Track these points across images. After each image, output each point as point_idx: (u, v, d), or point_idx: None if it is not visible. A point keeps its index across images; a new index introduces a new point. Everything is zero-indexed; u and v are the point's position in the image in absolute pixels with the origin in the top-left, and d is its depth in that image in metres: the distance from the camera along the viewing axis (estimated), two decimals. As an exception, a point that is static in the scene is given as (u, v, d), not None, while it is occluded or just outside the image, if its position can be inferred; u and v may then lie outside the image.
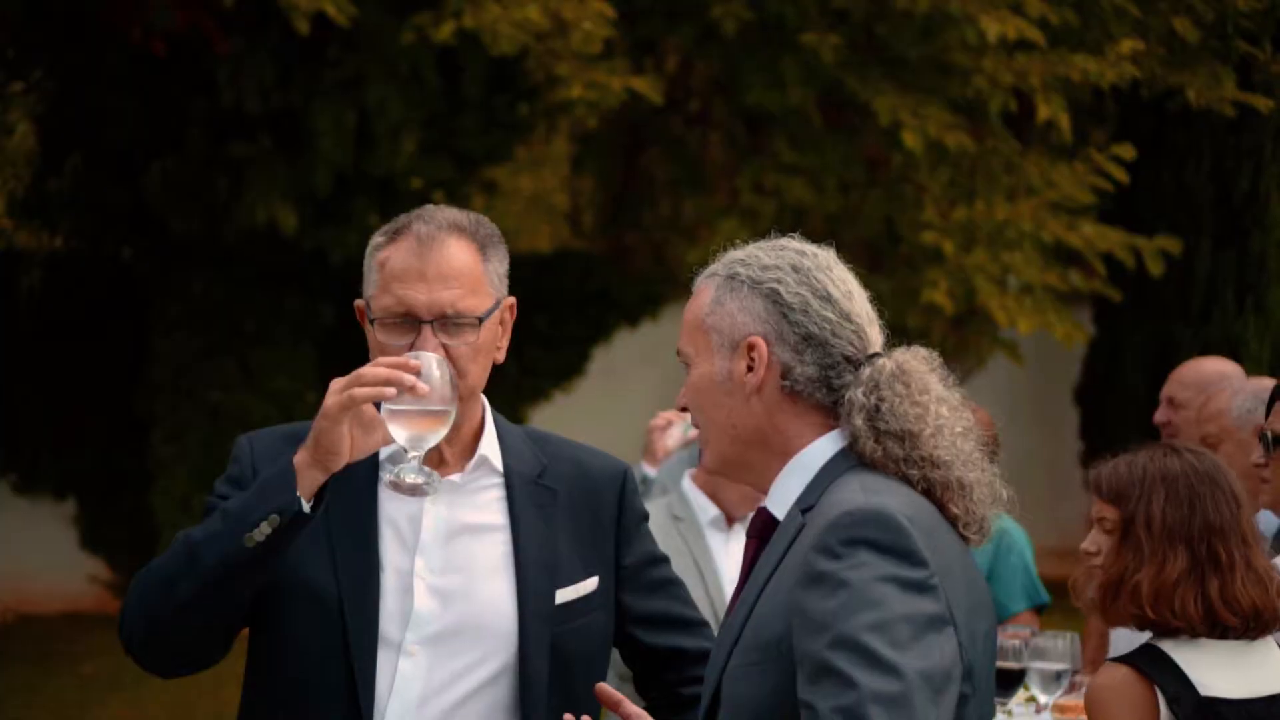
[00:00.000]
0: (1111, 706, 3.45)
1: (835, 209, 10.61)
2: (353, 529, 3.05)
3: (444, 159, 11.81)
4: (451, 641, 3.04)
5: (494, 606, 3.07)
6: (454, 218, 3.10)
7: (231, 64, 10.71)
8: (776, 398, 2.69)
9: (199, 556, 2.90)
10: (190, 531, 2.96)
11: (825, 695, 2.40)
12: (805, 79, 9.92)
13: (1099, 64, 9.81)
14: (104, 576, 13.52)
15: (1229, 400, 5.09)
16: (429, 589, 3.05)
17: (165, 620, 2.95)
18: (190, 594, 2.90)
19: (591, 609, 3.15)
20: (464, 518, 3.12)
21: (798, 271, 2.71)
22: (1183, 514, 3.48)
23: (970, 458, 2.69)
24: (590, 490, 3.21)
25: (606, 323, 14.45)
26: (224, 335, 12.36)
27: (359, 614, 3.00)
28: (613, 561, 3.21)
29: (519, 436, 3.24)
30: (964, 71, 9.91)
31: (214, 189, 11.58)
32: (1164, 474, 3.52)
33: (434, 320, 3.01)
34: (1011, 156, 10.36)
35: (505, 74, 11.55)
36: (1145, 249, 10.56)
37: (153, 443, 12.64)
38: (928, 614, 2.48)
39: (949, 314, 10.12)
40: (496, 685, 3.06)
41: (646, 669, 3.31)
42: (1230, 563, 3.46)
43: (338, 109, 10.79)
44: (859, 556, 2.48)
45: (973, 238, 10.09)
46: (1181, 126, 12.67)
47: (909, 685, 2.40)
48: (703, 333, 2.74)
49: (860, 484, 2.60)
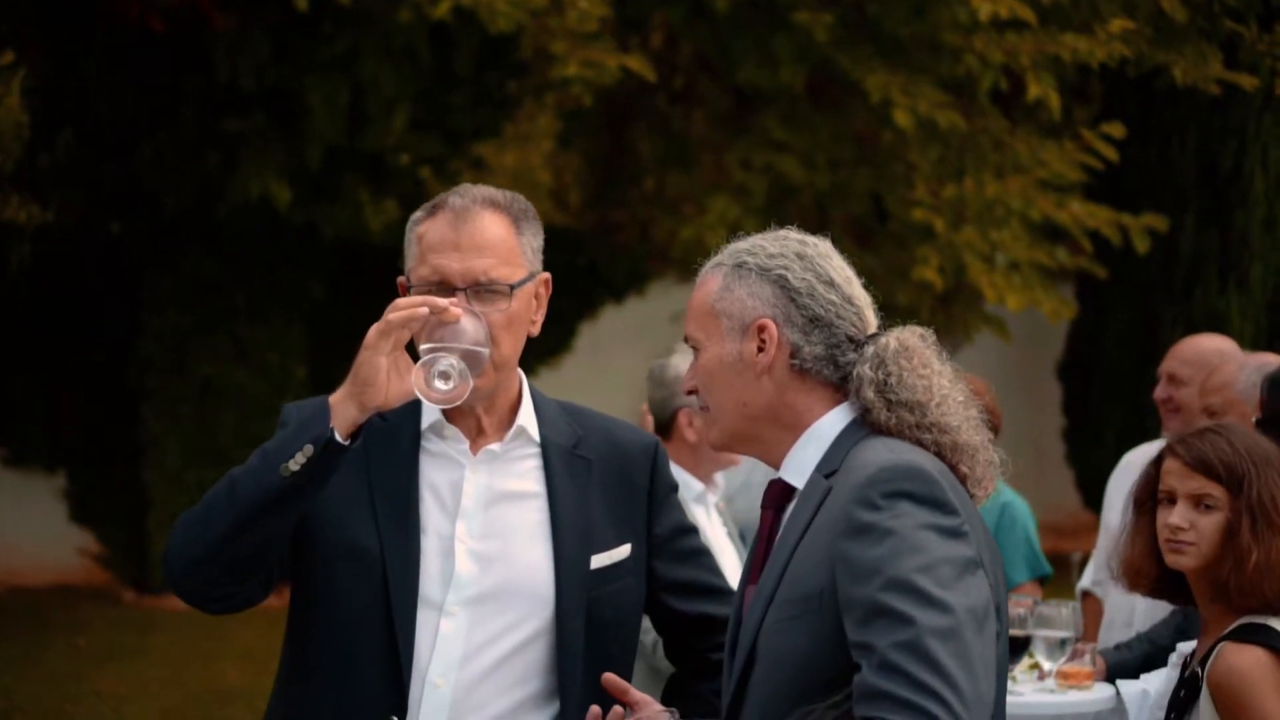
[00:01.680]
0: (1261, 685, 3.48)
1: (825, 186, 10.69)
2: (395, 494, 3.15)
3: (434, 135, 11.86)
4: (491, 603, 3.14)
5: (532, 570, 3.17)
6: (488, 193, 3.22)
7: (228, 40, 10.73)
8: (786, 376, 2.87)
9: (237, 488, 2.99)
10: (233, 470, 3.05)
11: (882, 633, 2.58)
12: (797, 57, 9.99)
13: (1089, 43, 9.90)
14: (94, 550, 13.57)
15: (1235, 373, 5.17)
16: (469, 553, 3.15)
17: (203, 551, 3.02)
18: (227, 524, 2.98)
19: (624, 575, 3.25)
20: (503, 485, 3.21)
21: (802, 259, 2.91)
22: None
23: (973, 423, 2.89)
24: (623, 461, 3.32)
25: (593, 299, 14.52)
26: (215, 310, 12.41)
27: (401, 575, 3.09)
28: (644, 530, 3.31)
29: (555, 409, 3.34)
30: (955, 50, 9.99)
31: (206, 164, 11.60)
32: (1268, 455, 3.59)
33: (467, 288, 3.11)
34: (1001, 135, 10.45)
35: (497, 51, 11.59)
36: (1132, 226, 10.66)
37: (143, 417, 12.69)
38: (964, 557, 2.68)
39: (938, 291, 10.22)
40: (534, 646, 3.15)
41: (676, 635, 3.42)
42: None
43: (331, 85, 10.83)
44: (900, 507, 2.67)
45: (962, 215, 10.18)
46: (1167, 105, 12.77)
47: (959, 620, 2.60)
48: (712, 318, 2.91)
49: (885, 446, 2.79)
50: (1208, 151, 12.90)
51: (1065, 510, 14.27)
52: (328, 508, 3.11)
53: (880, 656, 2.57)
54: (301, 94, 10.95)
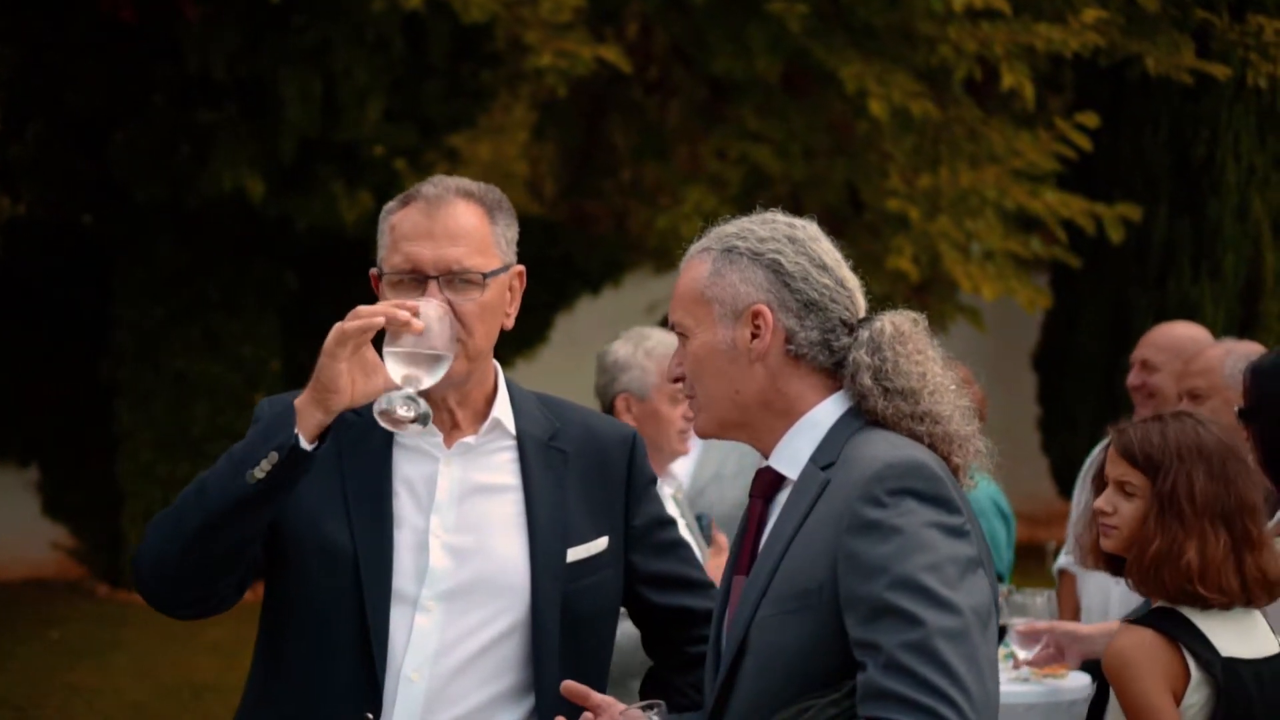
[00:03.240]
0: (1141, 666, 3.52)
1: (801, 176, 10.68)
2: (368, 490, 3.13)
3: (408, 126, 11.82)
4: (466, 598, 3.12)
5: (507, 564, 3.15)
6: (462, 183, 3.21)
7: (198, 31, 10.67)
8: (780, 362, 2.84)
9: (206, 493, 2.96)
10: (203, 474, 3.03)
11: (889, 632, 2.56)
12: (772, 47, 9.97)
13: (1063, 32, 9.91)
14: (67, 543, 13.51)
15: (1221, 357, 5.17)
16: (444, 547, 3.13)
17: (172, 556, 3.00)
18: (195, 530, 2.96)
19: (601, 568, 3.24)
20: (478, 478, 3.20)
21: (794, 242, 2.87)
22: (1221, 490, 3.57)
23: (963, 412, 2.86)
24: (600, 453, 3.30)
25: (569, 290, 14.49)
26: (188, 303, 12.35)
27: (374, 571, 3.07)
28: (622, 522, 3.29)
29: (531, 400, 3.32)
30: (929, 39, 9.98)
31: (178, 156, 11.54)
32: (1200, 447, 3.61)
33: (440, 276, 3.09)
34: (975, 124, 10.45)
35: (470, 41, 11.55)
36: (1106, 216, 10.68)
37: (116, 410, 12.63)
38: (968, 556, 2.67)
39: (913, 280, 10.22)
40: (510, 640, 3.14)
41: (654, 628, 3.40)
42: (1261, 538, 3.58)
43: (304, 76, 10.78)
44: (905, 505, 2.65)
45: (937, 205, 10.19)
46: (1140, 94, 12.78)
47: (966, 621, 2.59)
48: (703, 304, 2.87)
49: (886, 440, 2.76)
50: (1180, 141, 12.92)
51: (1040, 499, 14.30)
52: (301, 505, 3.09)
53: (888, 656, 2.55)
54: (274, 85, 10.90)
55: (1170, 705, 3.48)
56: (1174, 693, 3.51)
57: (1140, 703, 3.51)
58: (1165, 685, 3.50)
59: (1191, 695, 3.52)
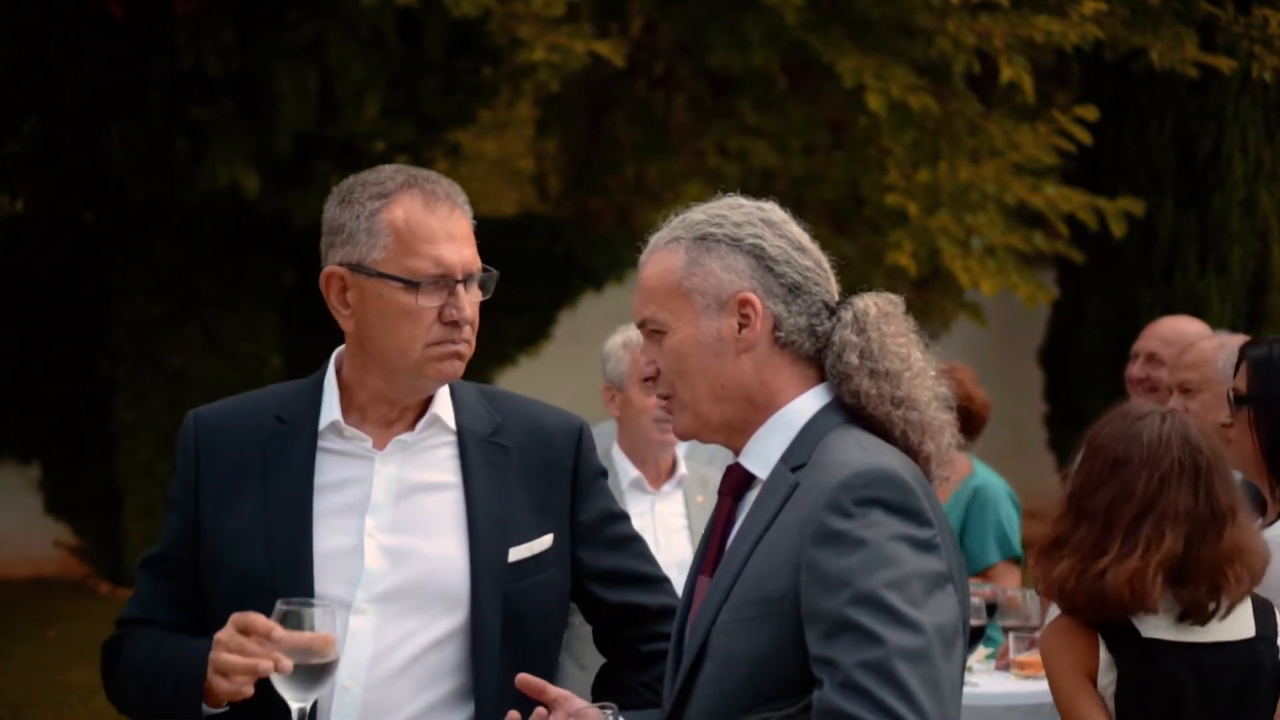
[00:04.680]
0: (1055, 653, 3.58)
1: (800, 172, 10.61)
2: (289, 507, 3.06)
3: (407, 122, 11.75)
4: (402, 600, 3.03)
5: (445, 565, 3.06)
6: (436, 176, 3.14)
7: (191, 26, 10.62)
8: (767, 352, 2.74)
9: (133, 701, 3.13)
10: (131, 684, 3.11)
11: (847, 649, 2.47)
12: (768, 40, 9.89)
13: (1062, 25, 9.81)
14: (69, 542, 13.49)
15: (1215, 350, 5.08)
16: (379, 548, 3.05)
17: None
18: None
19: (545, 567, 3.14)
20: (415, 476, 3.11)
21: (770, 225, 2.77)
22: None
23: (940, 400, 2.78)
24: (544, 447, 3.20)
25: (572, 286, 14.44)
26: (186, 300, 12.31)
27: (290, 586, 2.97)
28: (568, 518, 3.19)
29: (472, 394, 3.23)
30: (927, 33, 9.90)
31: (174, 152, 11.50)
32: (1118, 453, 3.66)
33: (465, 279, 3.05)
34: (975, 118, 10.36)
35: (467, 36, 11.49)
36: (1108, 210, 10.58)
37: (116, 408, 12.59)
38: (935, 572, 2.56)
39: (913, 276, 10.14)
40: (448, 644, 3.05)
41: (605, 625, 3.31)
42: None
43: (299, 71, 10.72)
44: (872, 516, 2.54)
45: (936, 200, 10.10)
46: (1144, 88, 12.71)
47: (928, 640, 2.48)
48: (681, 296, 2.75)
49: (858, 444, 2.66)
50: (1186, 135, 12.85)
51: (1047, 496, 14.10)
52: (222, 542, 3.06)
53: (844, 675, 2.46)
54: (269, 81, 10.85)
55: (1079, 687, 3.51)
56: (1090, 675, 3.53)
57: (1054, 684, 3.57)
58: (1078, 669, 3.52)
59: (1103, 676, 3.52)
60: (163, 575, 3.17)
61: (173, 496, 3.16)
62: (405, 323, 3.03)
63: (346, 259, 3.06)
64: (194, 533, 3.11)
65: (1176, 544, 3.50)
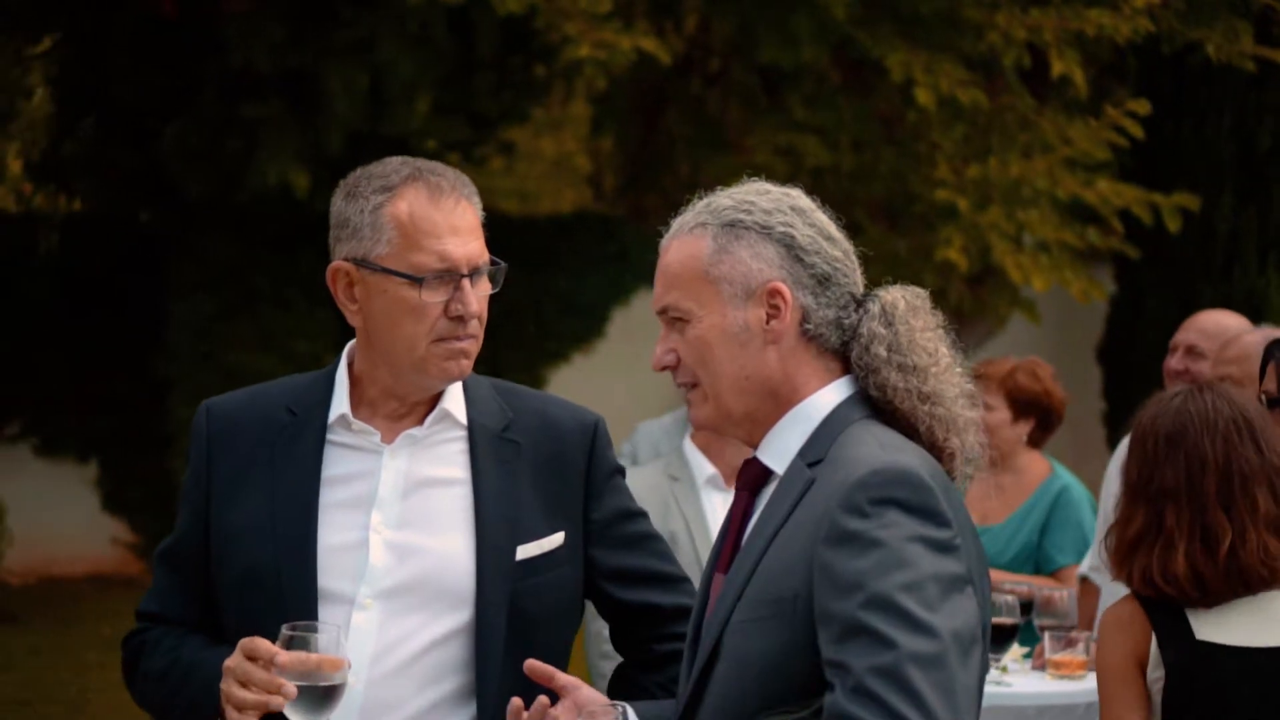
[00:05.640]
0: (1114, 632, 3.52)
1: (850, 167, 10.53)
2: (296, 502, 3.04)
3: (458, 120, 11.76)
4: (406, 597, 3.00)
5: (451, 563, 3.03)
6: (443, 168, 3.10)
7: (241, 23, 10.66)
8: (793, 344, 2.68)
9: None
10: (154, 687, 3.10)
11: (860, 654, 2.40)
12: (817, 36, 9.83)
13: (1113, 18, 9.69)
14: (126, 538, 13.59)
15: (1258, 345, 5.00)
16: (385, 543, 3.02)
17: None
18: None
19: (556, 565, 3.10)
20: (424, 471, 3.08)
21: (800, 213, 2.71)
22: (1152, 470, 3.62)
23: (966, 396, 2.71)
24: (557, 443, 3.15)
25: (625, 284, 14.41)
26: (240, 297, 12.37)
27: (296, 581, 2.98)
28: (580, 516, 3.15)
29: (485, 389, 3.19)
30: (977, 27, 9.80)
31: (226, 151, 11.56)
32: (1147, 426, 3.65)
33: (471, 273, 3.01)
34: (1027, 113, 10.25)
35: (519, 34, 11.49)
36: (1163, 205, 10.44)
37: (171, 405, 12.67)
38: (953, 574, 2.48)
39: (963, 271, 10.04)
40: (452, 642, 3.02)
41: (620, 624, 3.26)
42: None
43: (349, 69, 10.74)
44: (888, 516, 2.47)
45: (987, 195, 9.99)
46: (1203, 82, 12.55)
47: (944, 645, 2.41)
48: (708, 284, 2.68)
49: (876, 441, 2.59)
50: (1244, 129, 12.67)
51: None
52: (229, 535, 3.05)
53: (856, 680, 2.39)
54: (319, 79, 10.88)
55: (1129, 675, 3.47)
56: (1140, 665, 3.48)
57: (1104, 666, 3.53)
58: (1131, 657, 3.47)
59: (1153, 671, 3.47)
60: (175, 568, 3.18)
61: (185, 488, 3.16)
62: (410, 319, 3.00)
63: (352, 254, 3.05)
64: (203, 525, 3.10)
65: (1269, 503, 3.44)
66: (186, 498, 3.15)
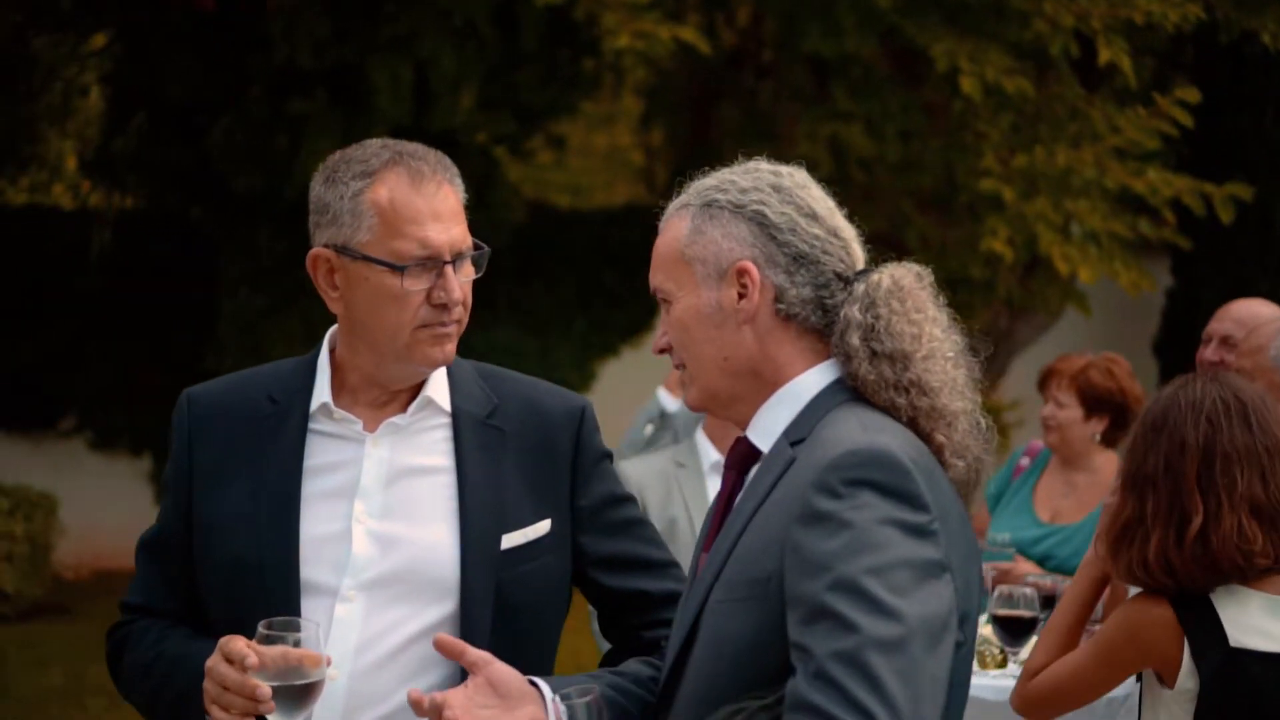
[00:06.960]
0: (1133, 629, 3.42)
1: (896, 158, 10.42)
2: (279, 491, 3.00)
3: (505, 113, 11.73)
4: (390, 588, 2.96)
5: (435, 552, 2.98)
6: (435, 153, 3.05)
7: (284, 19, 10.68)
8: (769, 324, 2.63)
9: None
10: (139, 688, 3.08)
11: (822, 638, 2.35)
12: (861, 25, 9.73)
13: (1162, 5, 9.53)
14: (179, 533, 13.66)
15: (1272, 339, 4.88)
16: (368, 533, 2.98)
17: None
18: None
19: (542, 554, 3.05)
20: (407, 460, 3.03)
21: (779, 191, 2.65)
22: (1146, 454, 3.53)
23: (958, 385, 2.62)
24: (543, 429, 3.10)
25: (674, 277, 14.33)
26: (288, 292, 12.40)
27: (278, 571, 2.94)
28: (567, 503, 3.09)
29: (470, 374, 3.14)
30: (1023, 15, 9.67)
31: (273, 146, 11.58)
32: (1153, 412, 3.55)
33: (454, 259, 2.96)
34: (1077, 102, 10.09)
35: (565, 27, 11.44)
36: (1215, 195, 10.26)
37: (221, 400, 12.72)
38: (927, 559, 2.42)
39: (1009, 262, 9.90)
40: (436, 633, 2.94)
41: (609, 611, 3.21)
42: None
43: (393, 64, 10.74)
44: (861, 497, 2.41)
45: (1034, 185, 9.85)
46: (1259, 71, 12.37)
47: (909, 631, 2.34)
48: (684, 265, 2.66)
49: (859, 421, 2.53)
50: (1301, 118, 12.50)
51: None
52: (211, 525, 3.01)
53: (817, 664, 2.33)
54: (364, 73, 10.88)
55: (1126, 667, 3.44)
56: (1167, 675, 3.37)
57: (1108, 645, 3.47)
58: (1143, 657, 3.41)
59: (1185, 680, 3.36)
60: (159, 559, 3.15)
61: (166, 477, 3.13)
62: (392, 306, 2.95)
63: (332, 241, 3.00)
64: (185, 516, 3.07)
65: (1253, 485, 3.32)
66: (168, 487, 3.11)
